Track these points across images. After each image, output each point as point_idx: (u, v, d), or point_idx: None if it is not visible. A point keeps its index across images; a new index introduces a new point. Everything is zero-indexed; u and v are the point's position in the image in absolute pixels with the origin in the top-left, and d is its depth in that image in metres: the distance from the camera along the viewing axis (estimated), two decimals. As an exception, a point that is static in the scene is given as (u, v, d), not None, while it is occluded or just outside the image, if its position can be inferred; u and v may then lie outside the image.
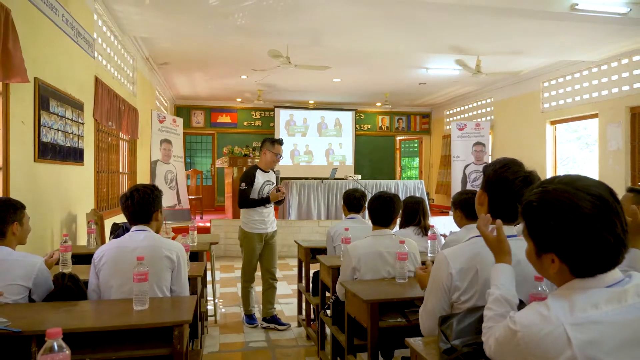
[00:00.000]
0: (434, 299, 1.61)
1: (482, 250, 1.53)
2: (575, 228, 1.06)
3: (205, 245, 3.87)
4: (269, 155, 4.11)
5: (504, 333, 1.14)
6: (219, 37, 6.41)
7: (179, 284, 2.37)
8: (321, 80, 9.70)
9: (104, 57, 5.38)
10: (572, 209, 1.07)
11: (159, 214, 2.46)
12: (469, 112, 11.52)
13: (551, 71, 8.50)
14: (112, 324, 1.90)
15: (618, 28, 5.59)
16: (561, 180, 1.14)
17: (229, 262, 7.28)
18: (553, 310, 1.05)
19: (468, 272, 1.53)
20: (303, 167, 12.45)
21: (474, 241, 1.60)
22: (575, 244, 1.07)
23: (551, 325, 1.03)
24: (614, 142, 7.26)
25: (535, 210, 1.14)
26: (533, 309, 1.10)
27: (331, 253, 3.64)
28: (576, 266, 1.09)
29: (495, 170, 1.59)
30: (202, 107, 12.31)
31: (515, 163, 1.59)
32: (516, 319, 1.11)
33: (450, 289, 1.56)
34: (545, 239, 1.12)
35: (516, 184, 1.53)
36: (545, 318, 1.05)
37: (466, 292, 1.54)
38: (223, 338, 3.97)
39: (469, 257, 1.55)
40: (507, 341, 1.13)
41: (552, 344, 1.02)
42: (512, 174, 1.55)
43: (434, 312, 1.59)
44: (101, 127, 5.20)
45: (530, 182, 1.52)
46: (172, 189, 8.52)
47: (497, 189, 1.57)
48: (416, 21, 5.59)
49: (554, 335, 1.02)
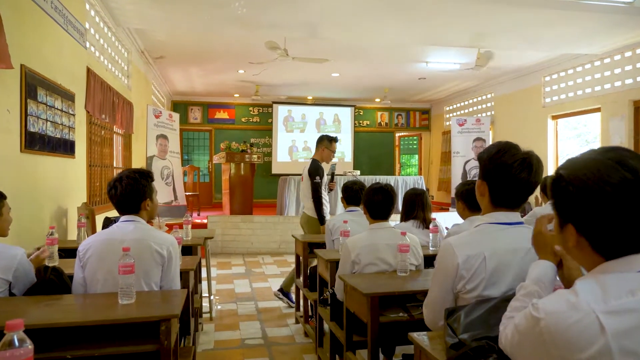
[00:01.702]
0: (438, 288, 1.55)
1: (490, 236, 1.50)
2: (596, 199, 0.95)
3: (199, 240, 3.75)
4: (327, 152, 4.58)
5: (525, 322, 1.02)
6: (215, 29, 6.28)
7: (168, 280, 2.25)
8: (319, 75, 9.57)
9: (96, 48, 5.25)
10: (597, 178, 0.96)
11: (150, 202, 2.33)
12: (469, 108, 11.40)
13: (553, 65, 8.38)
14: (95, 318, 1.78)
15: (623, 18, 5.47)
16: (596, 150, 1.03)
17: (225, 259, 7.16)
18: (582, 296, 0.93)
19: (475, 259, 1.47)
20: (302, 163, 12.29)
21: (482, 228, 1.55)
22: (594, 215, 0.96)
23: (580, 313, 0.91)
24: (617, 137, 7.14)
25: (558, 178, 1.04)
26: (559, 296, 0.98)
27: (330, 247, 3.53)
28: (596, 241, 0.98)
29: (491, 157, 1.51)
30: (199, 103, 12.18)
31: (510, 146, 1.51)
32: (540, 305, 0.98)
33: (455, 278, 1.50)
34: (564, 209, 1.02)
35: (515, 168, 1.46)
36: (574, 305, 0.93)
37: (472, 280, 1.48)
38: (218, 335, 3.85)
39: (476, 244, 1.49)
40: (529, 331, 1.00)
41: (581, 333, 0.90)
42: (510, 157, 1.48)
43: (439, 303, 1.54)
44: (94, 119, 5.07)
45: (530, 164, 1.48)
46: (168, 185, 8.41)
47: (496, 176, 1.50)
48: (417, 12, 5.47)
49: (583, 324, 0.90)
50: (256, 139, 12.25)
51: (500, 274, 1.47)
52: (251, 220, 7.84)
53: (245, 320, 4.23)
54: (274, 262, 7.00)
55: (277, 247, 7.67)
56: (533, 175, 1.49)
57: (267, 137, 12.37)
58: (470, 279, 1.47)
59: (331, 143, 4.58)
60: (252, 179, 8.93)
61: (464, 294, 1.50)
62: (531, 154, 1.52)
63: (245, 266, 6.67)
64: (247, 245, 7.69)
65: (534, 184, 1.50)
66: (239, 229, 7.73)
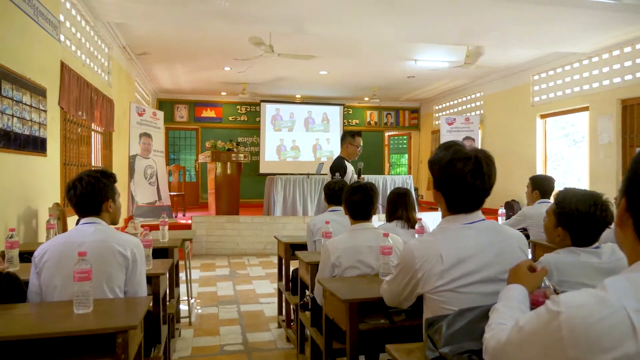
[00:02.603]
0: (397, 282, 1.61)
1: (448, 236, 1.51)
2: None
3: (176, 242, 3.59)
4: (351, 148, 4.48)
5: (537, 319, 0.90)
6: (198, 24, 6.11)
7: (133, 284, 2.10)
8: (307, 73, 9.42)
9: (73, 42, 5.06)
10: None
11: (112, 203, 2.17)
12: (458, 107, 11.33)
13: (541, 64, 8.32)
14: (46, 330, 1.62)
15: (612, 15, 5.40)
16: None
17: (210, 261, 6.99)
18: (612, 291, 0.81)
19: (431, 259, 1.48)
20: (290, 162, 12.17)
21: (439, 229, 1.58)
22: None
23: (609, 309, 0.79)
24: (605, 135, 7.09)
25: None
26: (584, 290, 0.86)
27: (311, 248, 3.39)
28: None
29: (441, 169, 1.51)
30: (185, 102, 11.98)
31: (460, 155, 1.48)
32: (560, 298, 0.86)
33: (413, 279, 1.52)
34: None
35: (468, 178, 1.46)
36: (602, 300, 0.80)
37: (429, 278, 1.47)
38: (197, 341, 3.69)
39: (432, 245, 1.50)
40: (541, 328, 0.88)
41: (608, 332, 0.77)
42: (461, 166, 1.47)
43: (394, 293, 1.64)
44: (69, 116, 4.88)
45: (482, 172, 1.47)
46: (152, 184, 8.21)
47: (450, 186, 1.51)
48: (404, 8, 5.35)
49: (611, 322, 0.78)
50: (244, 138, 12.07)
51: (461, 267, 1.45)
52: (237, 221, 7.68)
53: (226, 325, 4.07)
54: (260, 263, 6.84)
55: (263, 248, 7.51)
56: (486, 182, 1.49)
57: (255, 136, 12.21)
58: (426, 279, 1.48)
59: (354, 138, 4.46)
60: (239, 179, 8.77)
61: (428, 293, 1.49)
62: (481, 158, 1.48)
63: (229, 268, 6.51)
64: (232, 246, 7.53)
65: (489, 189, 1.51)
66: (224, 230, 7.56)
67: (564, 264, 1.68)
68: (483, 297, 1.41)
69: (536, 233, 3.86)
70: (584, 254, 1.70)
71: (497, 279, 1.44)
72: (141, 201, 7.81)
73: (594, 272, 1.70)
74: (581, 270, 1.67)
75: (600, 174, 7.12)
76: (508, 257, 1.46)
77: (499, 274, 1.44)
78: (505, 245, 1.50)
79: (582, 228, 1.71)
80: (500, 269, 1.44)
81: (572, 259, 1.69)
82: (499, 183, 5.94)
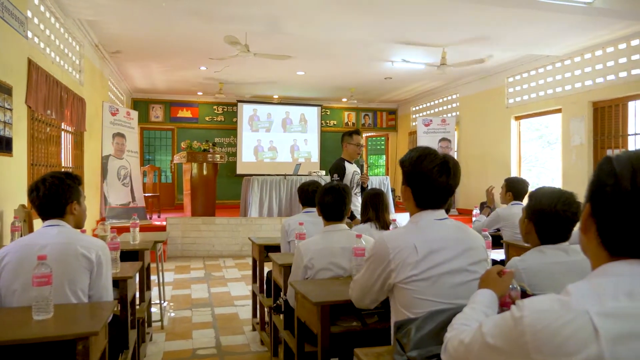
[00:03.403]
0: (369, 275, 1.64)
1: (419, 229, 1.59)
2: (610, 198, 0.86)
3: (147, 244, 3.51)
4: (350, 147, 4.34)
5: (502, 323, 0.90)
6: (173, 22, 6.00)
7: (98, 288, 2.03)
8: (284, 73, 9.37)
9: (41, 39, 4.91)
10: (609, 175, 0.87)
11: (77, 205, 2.10)
12: (435, 108, 11.43)
13: (515, 66, 8.45)
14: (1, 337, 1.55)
15: (582, 19, 5.51)
16: (624, 153, 0.92)
17: (185, 263, 6.88)
18: (575, 296, 0.81)
19: (405, 250, 1.54)
20: (267, 163, 12.09)
21: (409, 223, 1.66)
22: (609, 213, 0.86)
23: (572, 313, 0.79)
24: (577, 137, 7.24)
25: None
26: (548, 295, 0.86)
27: (285, 249, 3.35)
28: (607, 237, 0.87)
29: (412, 164, 1.62)
30: (161, 101, 11.79)
31: (429, 152, 1.61)
32: (525, 303, 0.86)
33: (386, 269, 1.56)
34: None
35: (435, 173, 1.57)
36: (565, 304, 0.80)
37: (402, 268, 1.53)
38: (168, 345, 3.62)
39: (406, 237, 1.57)
40: (505, 333, 0.88)
41: (571, 336, 0.77)
42: (429, 163, 1.58)
43: (366, 285, 1.66)
44: (37, 115, 4.74)
45: (448, 169, 1.58)
46: (125, 185, 8.06)
47: (418, 181, 1.61)
48: (378, 8, 5.36)
49: (574, 326, 0.78)
50: (220, 139, 11.94)
51: (433, 257, 1.53)
52: (212, 222, 7.58)
53: (199, 329, 4.01)
54: (236, 265, 6.77)
55: (240, 249, 7.44)
56: (451, 179, 1.59)
57: (232, 136, 12.09)
58: (400, 269, 1.53)
59: (351, 136, 4.34)
60: (215, 180, 8.67)
61: (400, 284, 1.53)
62: (449, 159, 1.60)
63: (204, 270, 6.41)
64: (208, 248, 7.43)
65: (453, 187, 1.62)
66: (200, 231, 7.46)
67: (531, 267, 1.68)
68: (453, 287, 1.51)
69: (509, 234, 3.90)
70: (550, 252, 1.71)
71: (466, 270, 1.54)
72: (114, 202, 7.65)
73: (563, 271, 1.71)
74: (549, 271, 1.68)
75: (572, 176, 7.26)
76: (474, 254, 1.58)
77: (467, 265, 1.54)
78: (471, 243, 1.61)
79: (546, 222, 1.72)
80: (468, 260, 1.55)
81: (539, 260, 1.69)
82: (475, 184, 6.11)
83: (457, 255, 1.54)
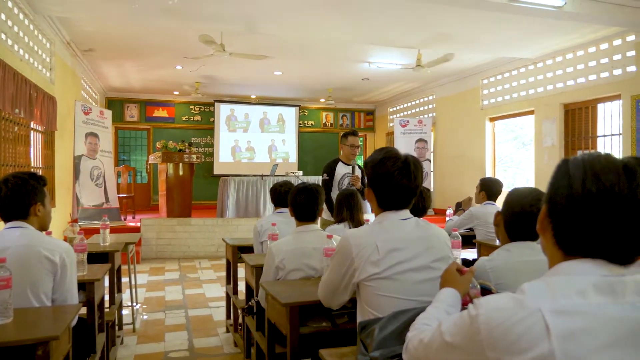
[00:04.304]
0: (334, 273, 1.66)
1: (382, 228, 1.62)
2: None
3: (118, 245, 3.45)
4: (345, 149, 4.35)
5: (459, 320, 0.91)
6: (146, 20, 5.91)
7: (62, 291, 1.99)
8: (262, 73, 9.33)
9: (9, 35, 4.78)
10: (564, 177, 0.89)
11: (41, 207, 2.05)
12: (412, 109, 11.52)
13: (490, 68, 8.58)
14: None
15: (554, 23, 5.62)
16: (580, 155, 0.93)
17: (160, 264, 6.79)
18: (529, 293, 0.83)
19: (367, 248, 1.57)
20: (245, 164, 12.02)
21: (374, 223, 1.69)
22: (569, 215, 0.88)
23: (526, 311, 0.80)
24: (549, 138, 7.39)
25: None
26: (504, 294, 0.88)
27: (258, 250, 3.33)
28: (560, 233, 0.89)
29: (374, 167, 1.65)
30: (136, 100, 11.61)
31: (391, 154, 1.63)
32: (481, 301, 0.87)
33: (350, 267, 1.59)
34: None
35: (396, 176, 1.59)
36: (520, 302, 0.82)
37: (365, 266, 1.56)
38: (140, 348, 3.56)
39: (370, 235, 1.60)
40: (461, 331, 0.89)
41: (524, 333, 0.79)
42: (391, 166, 1.60)
43: (333, 283, 1.68)
44: (4, 114, 4.61)
45: (409, 171, 1.61)
46: (98, 186, 7.90)
47: (380, 183, 1.63)
48: (354, 9, 5.38)
49: (527, 323, 0.79)
50: (197, 139, 11.82)
51: (395, 255, 1.56)
52: (188, 223, 7.50)
53: (172, 331, 3.95)
54: (211, 266, 6.70)
55: (216, 250, 7.37)
56: (413, 181, 1.62)
57: (209, 136, 11.98)
58: (363, 267, 1.55)
59: (346, 138, 4.31)
60: (191, 180, 8.57)
61: (364, 281, 1.56)
62: (410, 160, 1.62)
63: (179, 271, 6.33)
64: (183, 249, 7.34)
65: (415, 188, 1.64)
66: (175, 232, 7.36)
67: (498, 266, 1.69)
68: (416, 284, 1.54)
69: (482, 233, 3.96)
70: (517, 250, 1.71)
71: (429, 267, 1.58)
72: (87, 203, 7.50)
73: (529, 270, 1.72)
74: (515, 270, 1.69)
75: (545, 176, 7.39)
76: (436, 251, 1.62)
77: (430, 262, 1.58)
78: (434, 240, 1.65)
79: (513, 218, 1.71)
80: (431, 258, 1.59)
81: (505, 259, 1.70)
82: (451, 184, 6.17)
83: (419, 253, 1.57)
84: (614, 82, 6.32)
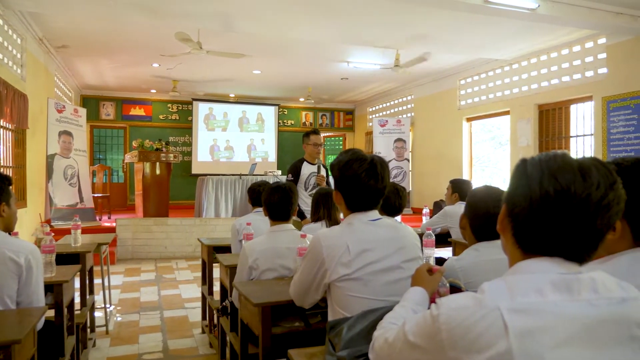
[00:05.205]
0: (306, 273, 1.66)
1: (352, 229, 1.62)
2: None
3: (89, 246, 3.38)
4: (308, 148, 4.36)
5: (421, 320, 0.91)
6: (121, 16, 5.81)
7: (27, 294, 1.94)
8: (240, 72, 9.26)
9: (-24, 31, 4.65)
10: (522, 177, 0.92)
11: (5, 207, 2.00)
12: (390, 109, 11.59)
13: (467, 69, 8.69)
14: None
15: (527, 25, 5.72)
16: (537, 155, 0.95)
17: (136, 265, 6.68)
18: (488, 293, 0.84)
19: (338, 249, 1.57)
20: (223, 163, 11.92)
21: (344, 224, 1.68)
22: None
23: (484, 310, 0.81)
24: (524, 139, 7.52)
25: None
26: (464, 293, 0.89)
27: (236, 249, 3.31)
28: (519, 236, 0.91)
29: (340, 169, 1.65)
30: (112, 98, 11.40)
31: (357, 157, 1.63)
32: (442, 301, 0.88)
33: (321, 268, 1.59)
34: None
35: (363, 178, 1.60)
36: (479, 302, 0.83)
37: (336, 267, 1.56)
38: (113, 351, 3.49)
39: (340, 237, 1.61)
40: (423, 330, 0.89)
41: (483, 332, 0.79)
42: (358, 167, 1.61)
43: (304, 284, 1.68)
44: (-28, 111, 4.48)
45: (376, 173, 1.61)
46: (72, 185, 7.75)
47: (348, 186, 1.63)
48: (331, 8, 5.38)
49: (486, 322, 0.80)
50: (175, 138, 11.69)
51: (365, 256, 1.57)
52: (165, 223, 7.40)
53: (146, 332, 3.89)
54: (189, 267, 6.63)
55: (193, 250, 7.28)
56: (380, 182, 1.62)
57: (187, 135, 11.85)
58: (334, 268, 1.56)
59: (309, 137, 4.34)
60: (168, 180, 8.47)
61: (334, 282, 1.56)
62: (377, 162, 1.63)
63: (156, 272, 6.25)
64: (160, 249, 7.24)
65: (383, 189, 1.65)
66: (152, 233, 7.26)
67: (467, 265, 1.71)
68: (387, 285, 1.55)
69: (457, 232, 4.00)
70: (484, 250, 1.72)
71: (399, 267, 1.59)
72: (60, 203, 7.34)
73: (497, 269, 1.73)
74: (483, 269, 1.71)
75: (519, 175, 7.51)
76: (407, 252, 1.63)
77: (400, 262, 1.59)
78: (405, 241, 1.66)
79: (479, 221, 1.72)
80: (401, 258, 1.60)
81: (473, 258, 1.72)
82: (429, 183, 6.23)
83: (390, 254, 1.58)
84: (586, 84, 6.46)
